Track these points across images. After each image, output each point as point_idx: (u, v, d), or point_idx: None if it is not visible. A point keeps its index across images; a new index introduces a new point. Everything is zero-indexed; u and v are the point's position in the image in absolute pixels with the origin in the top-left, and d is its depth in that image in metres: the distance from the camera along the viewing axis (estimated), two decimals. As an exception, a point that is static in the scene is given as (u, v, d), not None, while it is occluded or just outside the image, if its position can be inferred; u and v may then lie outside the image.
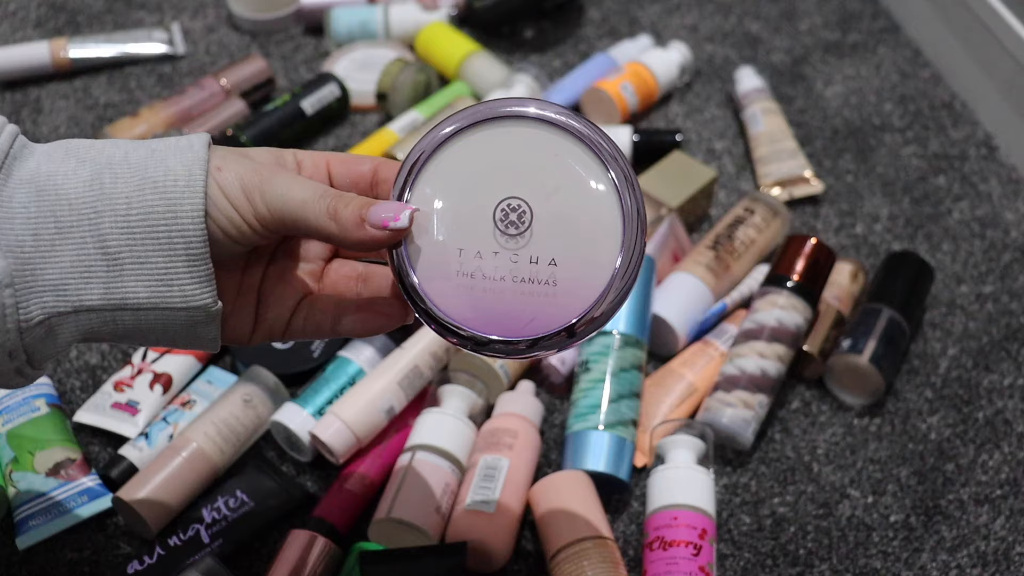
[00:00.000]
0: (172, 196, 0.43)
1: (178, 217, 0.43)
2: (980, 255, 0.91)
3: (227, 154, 0.46)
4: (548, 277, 0.45)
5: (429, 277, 0.45)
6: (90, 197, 0.43)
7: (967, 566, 0.71)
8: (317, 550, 0.66)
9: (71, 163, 0.44)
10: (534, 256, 0.45)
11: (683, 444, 0.71)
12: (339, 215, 0.44)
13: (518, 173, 0.46)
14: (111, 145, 0.45)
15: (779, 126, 0.99)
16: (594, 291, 0.45)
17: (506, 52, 1.09)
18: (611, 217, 0.45)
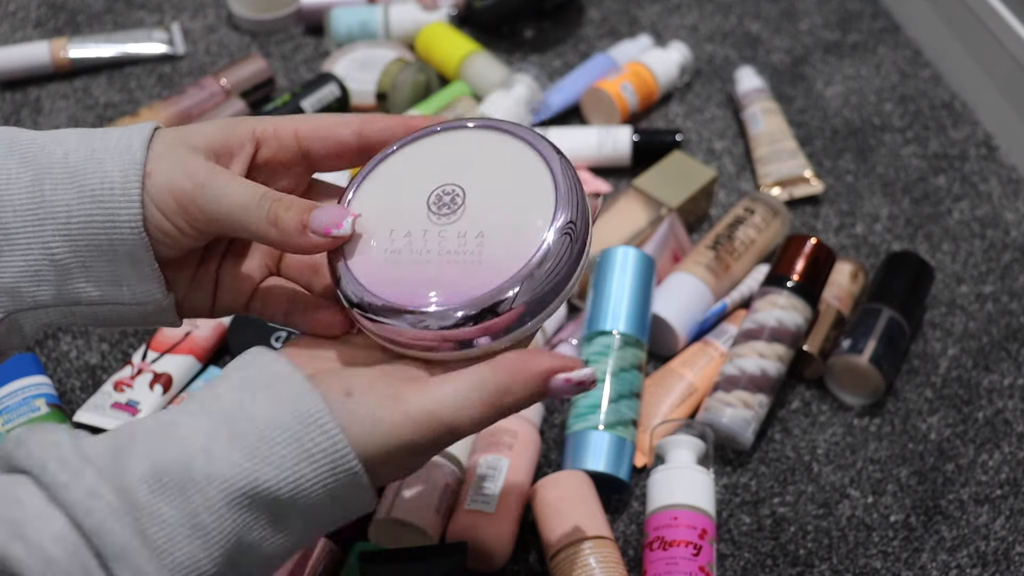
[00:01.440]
0: (109, 206, 0.43)
1: (117, 227, 0.43)
2: (980, 255, 0.91)
3: (164, 152, 0.44)
4: (474, 247, 0.44)
5: (358, 260, 0.45)
6: (32, 204, 0.43)
7: (967, 566, 0.71)
8: (317, 550, 0.66)
9: (12, 164, 0.43)
10: (463, 231, 0.45)
11: (683, 444, 0.71)
12: (280, 221, 0.44)
13: (455, 165, 0.47)
14: (52, 142, 0.44)
15: (779, 126, 0.99)
16: (518, 263, 0.43)
17: (506, 52, 1.09)
18: (545, 195, 0.45)
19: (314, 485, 0.41)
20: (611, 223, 0.86)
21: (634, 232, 0.86)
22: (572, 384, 0.43)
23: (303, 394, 0.41)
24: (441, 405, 0.42)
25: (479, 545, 0.67)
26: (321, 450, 0.40)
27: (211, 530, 0.39)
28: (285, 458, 0.40)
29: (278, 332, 0.80)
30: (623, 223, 0.86)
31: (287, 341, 0.47)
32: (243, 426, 0.40)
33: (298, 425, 0.40)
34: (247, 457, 0.40)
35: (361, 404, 0.42)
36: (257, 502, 0.40)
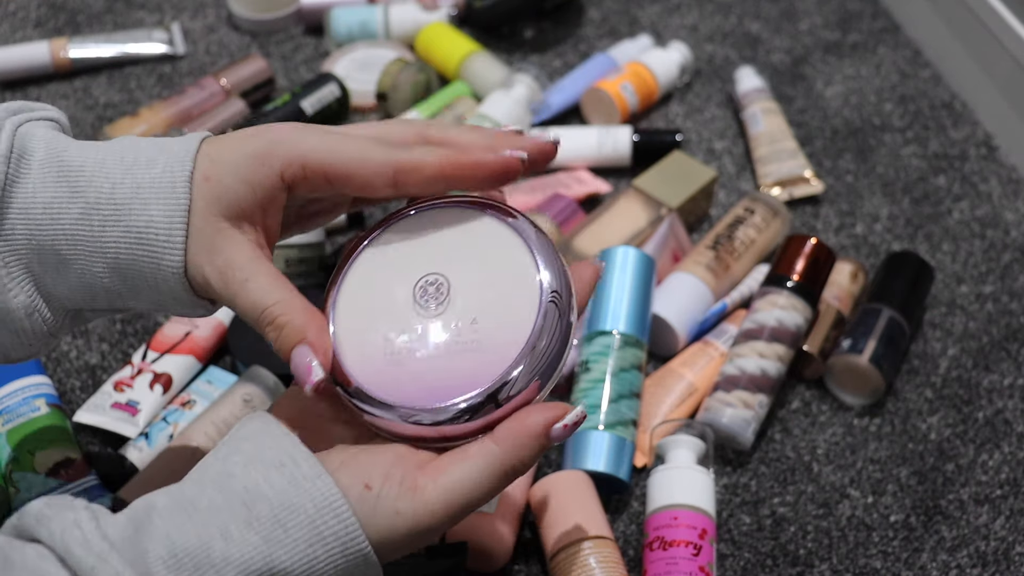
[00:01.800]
0: (155, 249, 0.45)
1: (161, 269, 0.46)
2: (980, 255, 0.91)
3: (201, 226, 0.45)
4: (470, 336, 0.45)
5: (351, 358, 0.46)
6: (83, 236, 0.46)
7: (967, 566, 0.71)
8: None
9: (63, 193, 0.45)
10: (453, 322, 0.46)
11: (683, 444, 0.71)
12: (277, 341, 0.45)
13: (433, 252, 0.47)
14: (99, 172, 0.46)
15: (779, 126, 0.99)
16: (515, 348, 0.44)
17: (506, 52, 1.09)
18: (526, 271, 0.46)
19: (326, 566, 0.42)
20: (611, 223, 0.86)
21: (634, 232, 0.86)
22: (570, 428, 0.45)
23: (317, 478, 0.42)
24: (457, 491, 0.44)
25: (479, 545, 0.67)
26: (333, 533, 0.42)
27: None
28: (299, 541, 0.42)
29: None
30: (623, 223, 0.86)
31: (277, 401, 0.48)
32: (259, 509, 0.42)
33: (313, 509, 0.42)
34: (263, 540, 0.41)
35: (382, 499, 0.43)
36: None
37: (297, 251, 0.81)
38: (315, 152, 0.46)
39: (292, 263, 0.81)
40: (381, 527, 0.43)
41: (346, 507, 0.42)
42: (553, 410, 0.45)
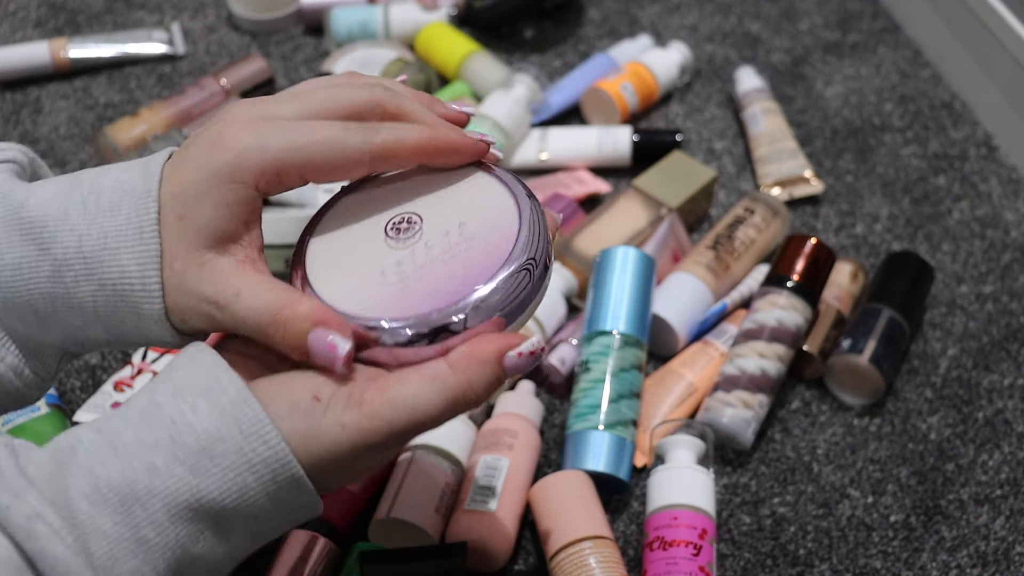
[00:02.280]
0: (133, 300, 0.44)
1: (142, 318, 0.45)
2: (980, 255, 0.91)
3: (178, 260, 0.43)
4: (439, 265, 0.45)
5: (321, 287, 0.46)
6: (58, 293, 0.44)
7: (967, 566, 0.71)
8: (317, 550, 0.66)
9: (30, 252, 0.44)
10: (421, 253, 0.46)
11: (683, 444, 0.71)
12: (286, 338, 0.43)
13: (415, 196, 0.48)
14: (65, 227, 0.44)
15: (779, 126, 0.99)
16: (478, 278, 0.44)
17: (506, 52, 1.09)
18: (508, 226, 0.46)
19: (257, 494, 0.41)
20: (611, 223, 0.86)
21: (634, 232, 0.86)
22: (525, 357, 0.44)
23: (244, 403, 0.41)
24: (404, 407, 0.42)
25: (479, 545, 0.67)
26: (262, 460, 0.41)
27: (154, 544, 0.40)
28: (227, 470, 0.40)
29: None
30: (623, 223, 0.86)
31: None
32: (185, 439, 0.40)
33: (240, 437, 0.41)
34: (190, 471, 0.40)
35: (330, 410, 0.42)
36: (200, 514, 0.40)
37: (297, 251, 0.81)
38: (285, 154, 0.44)
39: (292, 263, 0.81)
40: (327, 441, 0.42)
41: (274, 433, 0.41)
42: (509, 339, 0.44)
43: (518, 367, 0.44)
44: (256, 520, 0.42)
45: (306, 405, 0.42)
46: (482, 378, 0.43)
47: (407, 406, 0.42)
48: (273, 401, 0.42)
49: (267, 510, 0.42)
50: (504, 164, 0.96)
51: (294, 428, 0.42)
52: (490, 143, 0.48)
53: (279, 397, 0.42)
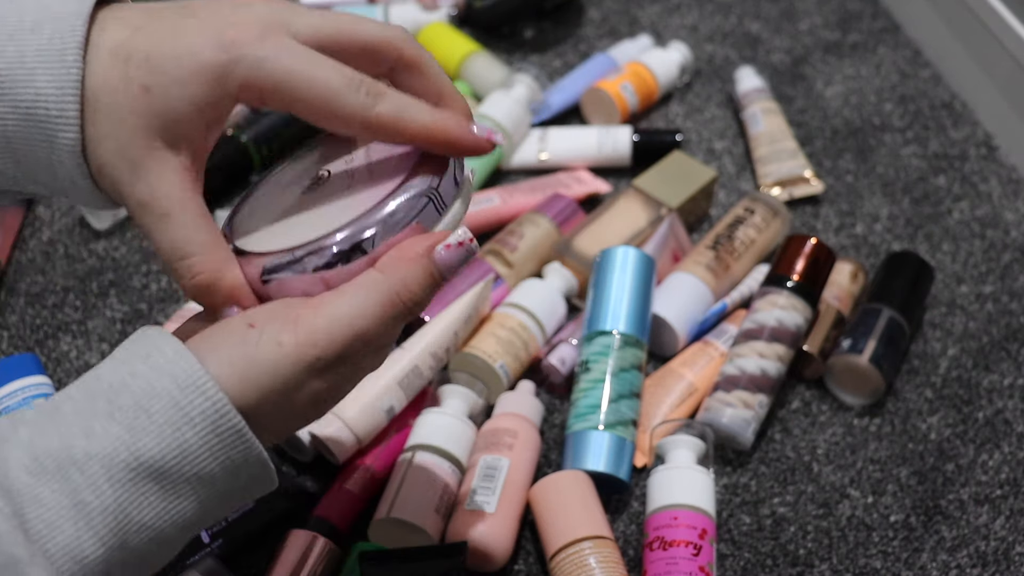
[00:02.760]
0: (46, 126, 0.41)
1: (55, 149, 0.41)
2: (980, 255, 0.91)
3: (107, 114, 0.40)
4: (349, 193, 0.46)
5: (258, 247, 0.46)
6: None
7: (967, 566, 0.71)
8: (317, 550, 0.66)
9: None
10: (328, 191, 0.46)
11: (683, 444, 0.71)
12: (194, 293, 0.43)
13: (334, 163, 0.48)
14: None
15: (779, 126, 0.99)
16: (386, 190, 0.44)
17: (506, 52, 1.09)
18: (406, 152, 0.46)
19: (199, 450, 0.40)
20: (611, 223, 0.86)
21: (634, 232, 0.86)
22: (454, 248, 0.43)
23: (180, 359, 0.40)
24: (341, 319, 0.41)
25: (479, 545, 0.67)
26: (200, 412, 0.39)
27: (94, 509, 0.38)
28: (164, 426, 0.39)
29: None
30: (623, 223, 0.86)
31: None
32: (122, 400, 0.39)
33: (176, 390, 0.39)
34: (126, 430, 0.39)
35: (265, 335, 0.41)
36: (141, 474, 0.39)
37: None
38: (281, 82, 0.41)
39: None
40: (266, 365, 0.41)
41: (211, 382, 0.39)
42: (435, 235, 0.43)
43: (449, 259, 0.43)
44: (202, 482, 0.40)
45: (241, 333, 0.41)
46: (415, 275, 0.42)
47: (343, 315, 0.42)
48: (213, 350, 0.41)
49: (212, 471, 0.40)
50: (504, 164, 0.96)
51: (233, 370, 0.41)
52: (496, 143, 0.46)
53: (216, 340, 0.41)
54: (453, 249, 0.43)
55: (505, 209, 0.89)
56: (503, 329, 0.78)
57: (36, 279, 0.86)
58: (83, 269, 0.87)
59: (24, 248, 0.88)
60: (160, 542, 0.41)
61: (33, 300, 0.84)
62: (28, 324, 0.83)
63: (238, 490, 0.42)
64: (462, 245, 0.44)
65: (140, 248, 0.89)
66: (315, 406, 0.44)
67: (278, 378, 0.41)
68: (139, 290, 0.85)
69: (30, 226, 0.90)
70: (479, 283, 0.79)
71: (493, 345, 0.77)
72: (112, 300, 0.85)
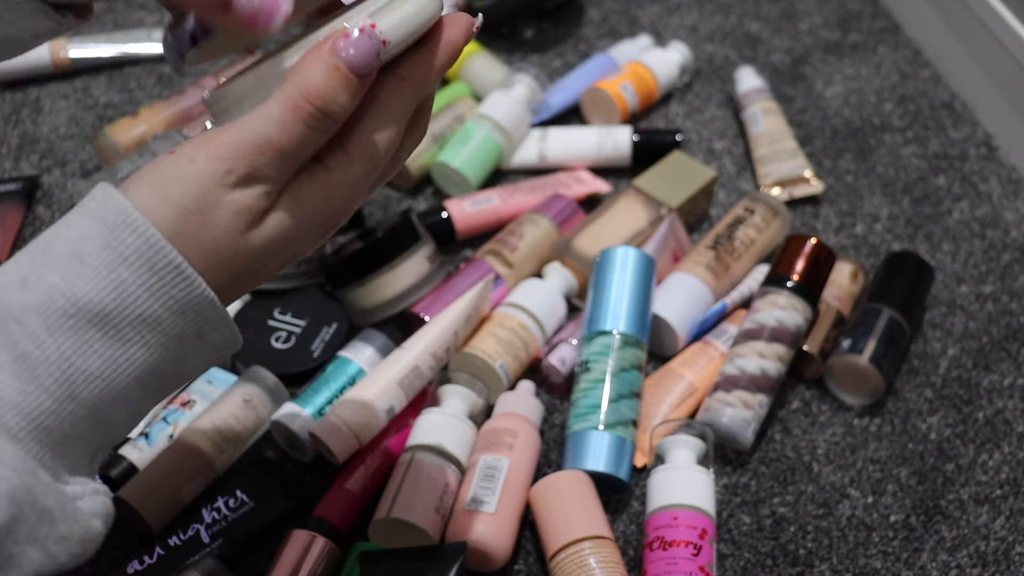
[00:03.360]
0: None
1: None
2: (980, 255, 0.91)
3: None
4: None
5: None
6: None
7: (967, 566, 0.71)
8: (317, 550, 0.66)
9: None
10: None
11: (683, 444, 0.71)
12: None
13: None
14: None
15: (779, 126, 0.99)
16: None
17: (506, 52, 1.09)
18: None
19: (138, 290, 0.39)
20: (611, 223, 0.86)
21: (634, 232, 0.86)
22: (355, 39, 0.41)
23: (109, 199, 0.39)
24: (247, 125, 0.40)
25: (479, 545, 0.67)
26: (134, 250, 0.39)
27: (36, 359, 0.38)
28: (99, 268, 0.38)
29: (278, 332, 0.80)
30: (623, 223, 0.86)
31: None
32: (56, 249, 0.39)
33: (107, 231, 0.39)
34: (60, 277, 0.38)
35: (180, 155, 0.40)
36: (81, 320, 0.38)
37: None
38: None
39: (292, 263, 0.81)
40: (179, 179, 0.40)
41: (141, 218, 0.39)
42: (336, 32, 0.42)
43: (353, 55, 0.41)
44: (146, 325, 0.39)
45: (163, 159, 0.41)
46: (316, 72, 0.40)
47: (250, 125, 0.40)
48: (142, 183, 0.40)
49: (155, 312, 0.39)
50: (504, 164, 0.96)
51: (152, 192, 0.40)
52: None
53: (144, 175, 0.41)
54: (358, 39, 0.41)
55: (505, 209, 0.89)
56: (503, 329, 0.78)
57: (36, 279, 0.86)
58: (83, 269, 0.87)
59: (24, 248, 0.88)
60: (115, 395, 0.40)
61: (33, 300, 0.84)
62: (28, 324, 0.82)
63: (191, 336, 0.41)
64: (363, 32, 0.41)
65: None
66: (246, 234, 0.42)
67: (189, 191, 0.40)
68: (139, 290, 0.85)
69: (30, 226, 0.90)
70: (479, 283, 0.79)
71: (493, 345, 0.77)
72: (112, 300, 0.85)
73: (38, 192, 0.93)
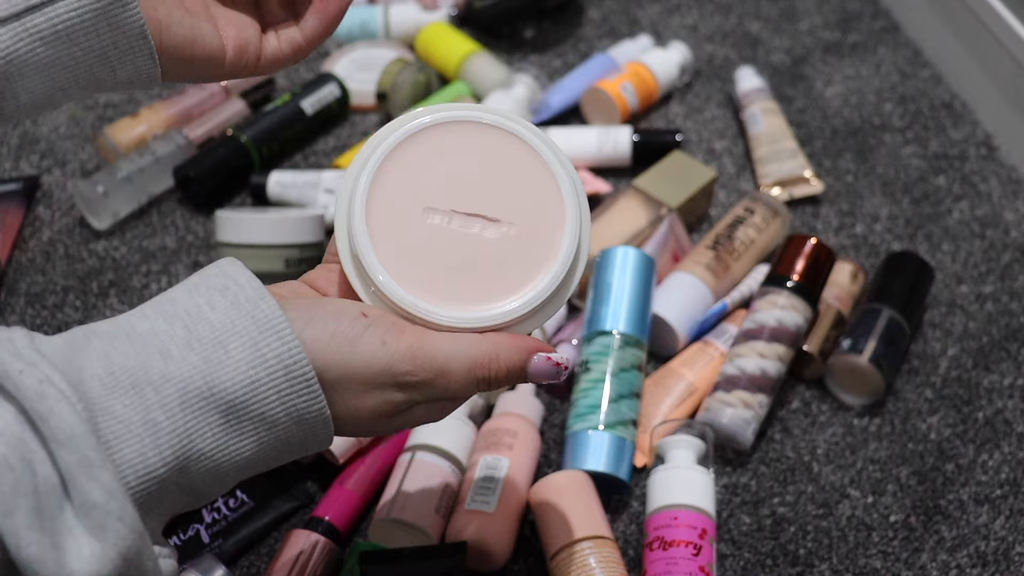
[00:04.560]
0: None
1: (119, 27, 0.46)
2: (980, 255, 0.91)
3: None
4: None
5: None
6: None
7: (967, 566, 0.71)
8: (317, 550, 0.66)
9: None
10: None
11: (683, 444, 0.71)
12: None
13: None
14: None
15: (779, 126, 0.99)
16: None
17: (506, 52, 1.09)
18: None
19: (268, 390, 0.41)
20: (611, 223, 0.86)
21: (634, 232, 0.86)
22: (551, 364, 0.46)
23: (260, 300, 0.42)
24: (438, 347, 0.44)
25: (479, 545, 0.67)
26: (276, 355, 0.41)
27: (163, 429, 0.39)
28: (240, 362, 0.41)
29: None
30: (623, 223, 0.86)
31: None
32: (201, 330, 0.41)
33: (256, 331, 0.41)
34: (204, 361, 0.40)
35: (374, 327, 0.43)
36: (212, 403, 0.40)
37: (298, 251, 0.81)
38: None
39: (292, 263, 0.81)
40: (364, 352, 0.43)
41: (289, 329, 0.41)
42: (544, 344, 0.47)
43: (538, 369, 0.46)
44: (264, 423, 0.42)
45: (351, 317, 0.43)
46: (510, 357, 0.45)
47: (444, 351, 0.44)
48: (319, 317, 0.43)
49: (276, 414, 0.42)
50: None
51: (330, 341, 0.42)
52: None
53: (324, 311, 0.43)
54: (548, 364, 0.46)
55: (505, 209, 0.89)
56: (503, 329, 0.78)
57: (36, 279, 0.86)
58: (83, 269, 0.87)
59: (24, 248, 0.88)
60: (214, 477, 0.42)
61: (33, 300, 0.84)
62: (28, 324, 0.83)
63: (296, 443, 0.43)
64: (557, 366, 0.46)
65: (140, 248, 0.89)
66: (376, 419, 0.45)
67: (367, 369, 0.43)
68: (139, 290, 0.85)
69: (30, 226, 0.90)
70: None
71: (493, 345, 0.77)
72: (112, 300, 0.85)
73: (38, 192, 0.93)
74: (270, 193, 0.91)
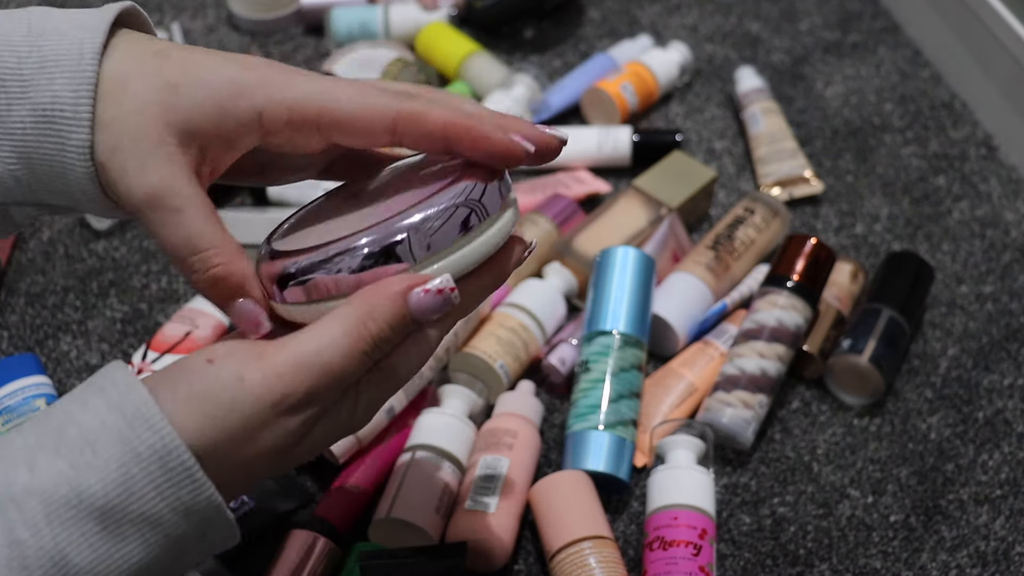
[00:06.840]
0: (59, 128, 0.40)
1: (66, 152, 0.41)
2: (980, 255, 0.91)
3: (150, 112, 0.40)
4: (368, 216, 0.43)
5: None
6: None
7: (967, 566, 0.71)
8: (317, 550, 0.66)
9: None
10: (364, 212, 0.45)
11: (683, 444, 0.71)
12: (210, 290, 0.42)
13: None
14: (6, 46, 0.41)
15: (779, 126, 0.99)
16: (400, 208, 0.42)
17: (506, 52, 1.09)
18: None
19: (145, 488, 0.37)
20: (611, 223, 0.86)
21: (634, 232, 0.86)
22: (432, 295, 0.41)
23: (130, 391, 0.38)
24: (306, 353, 0.40)
25: (479, 545, 0.67)
26: (148, 447, 0.37)
27: (29, 548, 0.36)
28: (110, 461, 0.37)
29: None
30: (623, 223, 0.86)
31: None
32: (69, 433, 0.37)
33: (125, 424, 0.37)
34: (70, 465, 0.37)
35: (224, 369, 0.39)
36: (83, 511, 0.37)
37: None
38: (307, 96, 0.41)
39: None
40: (226, 402, 0.39)
41: (159, 416, 0.37)
42: (415, 278, 0.41)
43: (423, 305, 0.41)
44: (148, 524, 0.38)
45: (199, 370, 0.40)
46: (384, 311, 0.40)
47: (310, 348, 0.40)
48: (170, 386, 0.39)
49: (159, 512, 0.38)
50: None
51: (189, 406, 0.39)
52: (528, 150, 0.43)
53: (173, 376, 0.40)
54: (430, 295, 0.41)
55: (505, 209, 0.89)
56: (503, 329, 0.78)
57: (36, 279, 0.86)
58: (83, 269, 0.87)
59: (24, 248, 0.88)
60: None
61: (33, 300, 0.84)
62: (28, 324, 0.83)
63: (192, 538, 0.39)
64: (441, 293, 0.41)
65: (140, 248, 0.89)
66: (284, 453, 0.41)
67: (239, 415, 0.39)
68: (139, 290, 0.85)
69: (30, 226, 0.90)
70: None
71: (493, 345, 0.77)
72: (112, 300, 0.85)
73: (38, 192, 0.93)
74: (270, 193, 0.91)
